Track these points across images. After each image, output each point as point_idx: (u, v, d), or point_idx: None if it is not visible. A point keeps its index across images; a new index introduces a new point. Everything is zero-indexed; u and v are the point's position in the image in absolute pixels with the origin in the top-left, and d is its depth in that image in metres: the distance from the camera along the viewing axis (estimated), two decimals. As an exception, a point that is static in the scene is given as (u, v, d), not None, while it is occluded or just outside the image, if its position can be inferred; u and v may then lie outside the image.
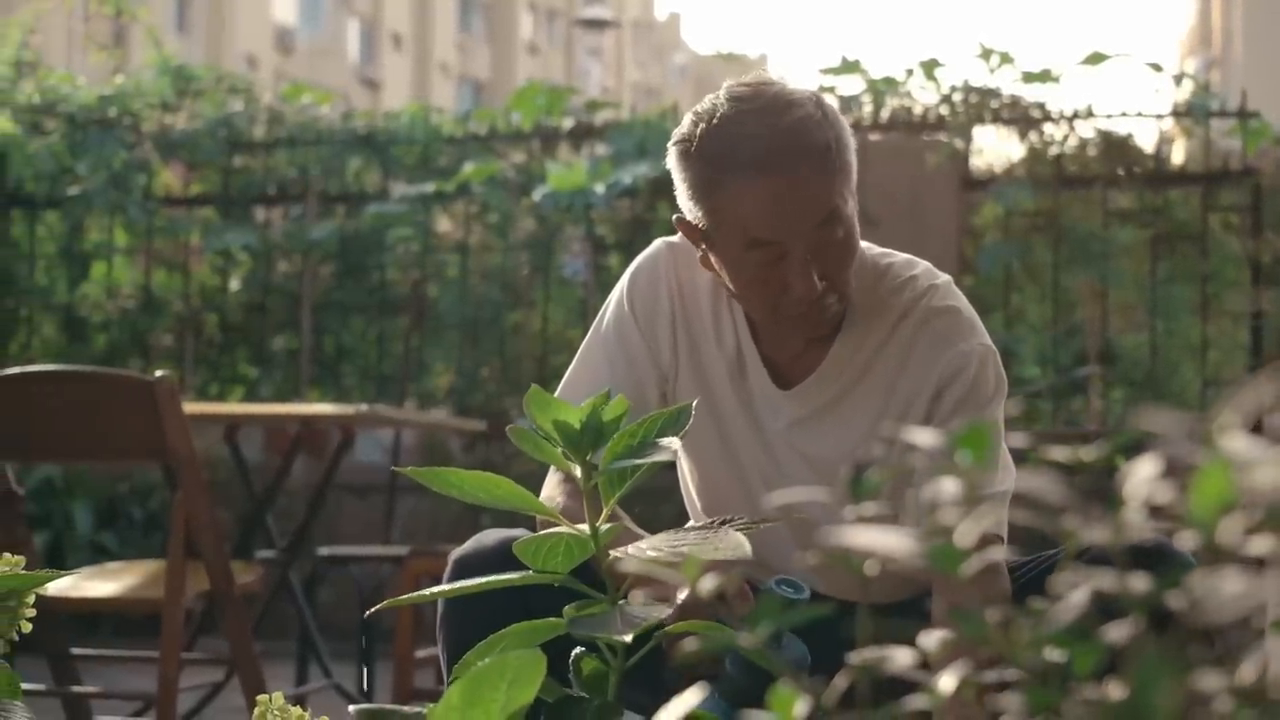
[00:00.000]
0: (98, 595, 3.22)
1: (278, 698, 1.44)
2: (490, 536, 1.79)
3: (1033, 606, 0.69)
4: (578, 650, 1.37)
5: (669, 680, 1.44)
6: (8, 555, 1.55)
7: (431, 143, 6.41)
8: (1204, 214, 5.76)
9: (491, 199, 6.12)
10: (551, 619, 1.36)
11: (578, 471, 1.40)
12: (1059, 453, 0.77)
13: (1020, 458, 1.86)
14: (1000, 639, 0.67)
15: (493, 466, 2.60)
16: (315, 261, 6.46)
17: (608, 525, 1.40)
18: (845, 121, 1.78)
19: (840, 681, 0.82)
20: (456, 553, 1.79)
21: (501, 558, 1.70)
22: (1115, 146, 5.80)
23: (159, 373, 3.01)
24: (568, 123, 6.28)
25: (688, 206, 1.78)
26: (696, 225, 1.78)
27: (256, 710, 1.43)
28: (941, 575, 0.71)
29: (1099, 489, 0.68)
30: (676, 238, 1.92)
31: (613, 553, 1.35)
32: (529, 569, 1.42)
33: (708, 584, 1.04)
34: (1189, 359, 5.94)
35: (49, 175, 6.40)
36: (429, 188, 6.19)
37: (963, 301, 1.87)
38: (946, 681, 0.74)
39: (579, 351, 1.96)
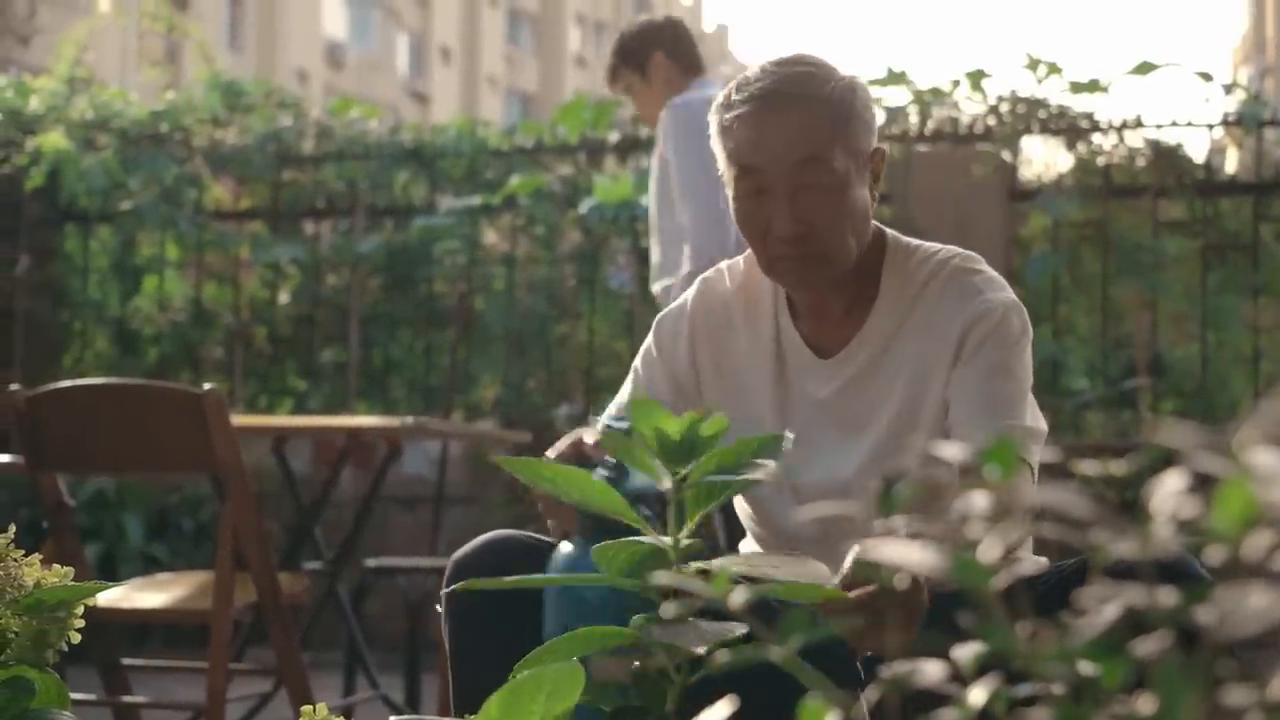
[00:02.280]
0: (148, 606, 3.25)
1: (322, 709, 1.45)
2: (488, 539, 1.84)
3: (1061, 620, 0.69)
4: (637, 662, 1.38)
5: None
6: (58, 566, 1.57)
7: (478, 156, 6.44)
8: (1255, 224, 5.71)
9: (538, 211, 6.14)
10: (620, 628, 1.36)
11: (667, 482, 1.42)
12: (1090, 466, 0.77)
13: (1060, 471, 1.85)
14: (1028, 653, 0.67)
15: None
16: (363, 274, 6.50)
17: (688, 540, 1.41)
18: (869, 102, 1.90)
19: (871, 694, 0.82)
20: (455, 555, 1.83)
21: (500, 560, 1.74)
22: (1165, 156, 5.75)
23: (207, 385, 3.05)
24: (614, 135, 6.29)
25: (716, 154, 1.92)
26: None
27: (301, 720, 1.44)
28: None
29: (1135, 502, 0.68)
30: (710, 272, 2.05)
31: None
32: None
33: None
34: (1240, 370, 5.87)
35: (102, 190, 6.47)
36: (476, 201, 6.22)
37: (987, 266, 1.96)
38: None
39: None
